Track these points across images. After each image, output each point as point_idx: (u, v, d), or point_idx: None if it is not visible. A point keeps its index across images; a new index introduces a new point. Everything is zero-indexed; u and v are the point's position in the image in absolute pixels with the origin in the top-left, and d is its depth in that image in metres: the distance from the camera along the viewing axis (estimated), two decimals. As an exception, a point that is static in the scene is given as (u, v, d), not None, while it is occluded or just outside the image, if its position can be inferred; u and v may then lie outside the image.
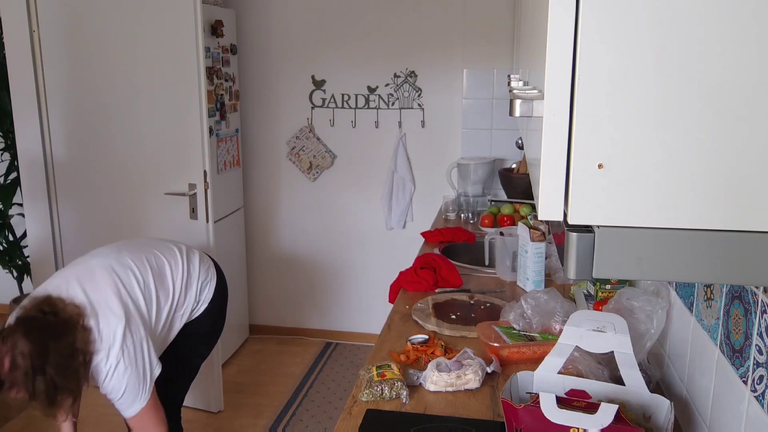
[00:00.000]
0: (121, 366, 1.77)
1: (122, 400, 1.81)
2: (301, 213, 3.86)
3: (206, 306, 2.15)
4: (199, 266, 2.14)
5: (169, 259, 2.06)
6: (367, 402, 1.49)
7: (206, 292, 2.14)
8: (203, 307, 2.14)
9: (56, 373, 1.63)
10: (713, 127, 0.64)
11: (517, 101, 0.74)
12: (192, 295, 2.09)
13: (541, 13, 0.79)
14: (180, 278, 2.05)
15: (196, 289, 2.10)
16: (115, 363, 1.76)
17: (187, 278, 2.07)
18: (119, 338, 1.78)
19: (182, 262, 2.08)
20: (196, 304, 2.11)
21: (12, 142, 3.59)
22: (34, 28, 3.08)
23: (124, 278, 1.90)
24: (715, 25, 0.62)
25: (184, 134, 2.92)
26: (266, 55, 3.70)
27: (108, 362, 1.76)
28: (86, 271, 1.88)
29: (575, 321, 1.32)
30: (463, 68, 3.49)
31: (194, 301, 2.10)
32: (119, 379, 1.77)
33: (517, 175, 3.27)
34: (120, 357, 1.77)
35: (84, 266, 1.91)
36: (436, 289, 2.23)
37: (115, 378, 1.77)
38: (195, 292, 2.10)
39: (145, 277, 1.95)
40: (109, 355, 1.76)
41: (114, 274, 1.88)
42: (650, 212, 0.67)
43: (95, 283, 1.85)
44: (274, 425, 3.06)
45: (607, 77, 0.65)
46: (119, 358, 1.77)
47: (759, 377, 0.98)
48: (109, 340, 1.77)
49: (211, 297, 2.16)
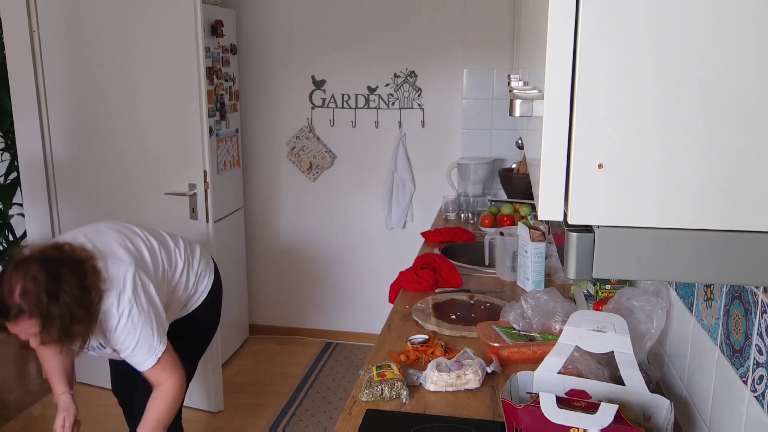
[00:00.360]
0: (135, 311, 1.74)
1: (137, 351, 1.76)
2: (301, 213, 3.86)
3: (203, 299, 2.14)
4: (199, 257, 2.15)
5: (175, 240, 2.09)
6: (367, 402, 1.49)
7: (204, 284, 2.14)
8: (200, 300, 2.13)
9: (71, 302, 1.59)
10: (713, 127, 0.64)
11: (517, 101, 0.74)
12: (192, 280, 2.09)
13: (541, 13, 0.79)
14: (182, 259, 2.06)
15: (195, 277, 2.10)
16: (128, 308, 1.73)
17: (188, 262, 2.08)
18: (129, 282, 1.75)
19: (184, 247, 2.10)
20: (194, 292, 2.10)
21: (12, 142, 3.59)
22: (34, 28, 3.08)
23: (130, 237, 1.92)
24: (715, 25, 0.62)
25: (184, 134, 2.92)
26: (266, 55, 3.70)
27: (120, 306, 1.72)
28: (92, 228, 1.91)
29: (575, 321, 1.32)
30: (463, 68, 3.49)
31: (192, 289, 2.09)
32: (133, 326, 1.73)
33: (517, 175, 3.27)
34: (132, 302, 1.74)
35: (89, 226, 1.94)
36: (436, 289, 2.23)
37: (129, 324, 1.73)
38: (194, 280, 2.10)
39: (152, 242, 1.97)
40: (120, 299, 1.72)
41: (120, 233, 1.90)
42: (650, 212, 0.67)
43: (102, 237, 1.86)
44: (274, 425, 3.06)
45: (607, 77, 0.65)
46: (131, 303, 1.74)
47: (759, 377, 0.98)
48: (119, 283, 1.74)
49: (208, 291, 2.16)
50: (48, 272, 1.59)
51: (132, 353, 1.77)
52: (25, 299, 1.56)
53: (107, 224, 1.96)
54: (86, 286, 1.65)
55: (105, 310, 1.71)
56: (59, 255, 1.66)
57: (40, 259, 1.61)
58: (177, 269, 2.03)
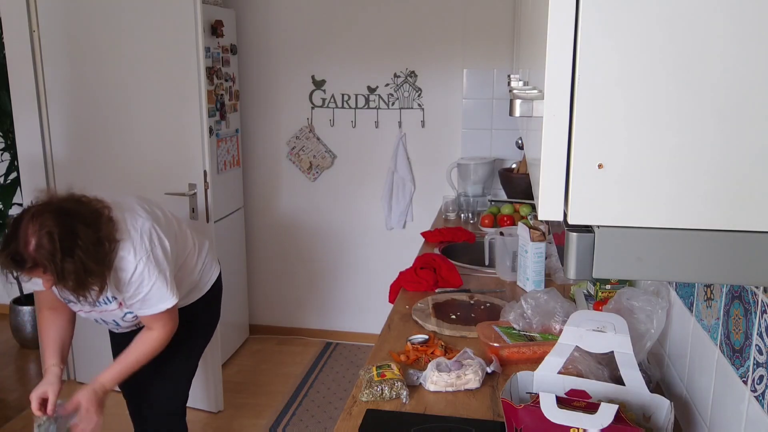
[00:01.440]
0: (152, 261, 1.76)
1: (148, 297, 1.79)
2: (301, 213, 3.86)
3: (206, 291, 2.15)
4: (207, 250, 2.17)
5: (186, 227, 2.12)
6: (367, 402, 1.49)
7: (208, 276, 2.16)
8: (203, 291, 2.14)
9: (86, 257, 1.60)
10: (713, 127, 0.64)
11: (517, 101, 0.74)
12: (198, 267, 2.10)
13: (541, 13, 0.79)
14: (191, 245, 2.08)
15: (201, 264, 2.12)
16: (144, 256, 1.75)
17: (198, 248, 2.10)
18: (147, 233, 1.78)
19: (193, 238, 2.12)
20: (198, 280, 2.11)
21: (12, 142, 3.59)
22: (34, 28, 3.08)
23: (149, 204, 1.95)
24: (715, 25, 0.62)
25: (184, 134, 2.92)
26: (266, 55, 3.70)
27: (137, 255, 1.74)
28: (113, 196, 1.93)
29: (575, 321, 1.32)
30: (463, 68, 3.49)
31: (197, 276, 2.10)
32: (149, 274, 1.76)
33: (517, 175, 3.27)
34: (149, 252, 1.76)
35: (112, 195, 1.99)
36: (436, 289, 2.23)
37: (145, 272, 1.75)
38: (200, 267, 2.11)
39: (167, 214, 2.00)
40: (137, 248, 1.74)
41: (140, 199, 1.94)
42: (650, 212, 0.67)
43: (122, 198, 1.90)
44: (274, 425, 3.06)
45: (607, 77, 0.65)
46: (148, 252, 1.76)
47: (759, 377, 0.98)
48: (137, 233, 1.77)
49: (211, 285, 2.17)
50: (63, 227, 1.59)
51: (143, 299, 1.80)
52: (40, 253, 1.57)
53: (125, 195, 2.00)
54: (101, 238, 1.66)
55: (121, 257, 1.73)
56: (76, 207, 1.67)
57: (57, 212, 1.62)
58: (187, 248, 2.05)
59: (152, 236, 1.80)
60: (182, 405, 2.24)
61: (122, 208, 1.81)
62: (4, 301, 3.95)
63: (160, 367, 2.09)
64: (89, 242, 1.62)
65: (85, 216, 1.66)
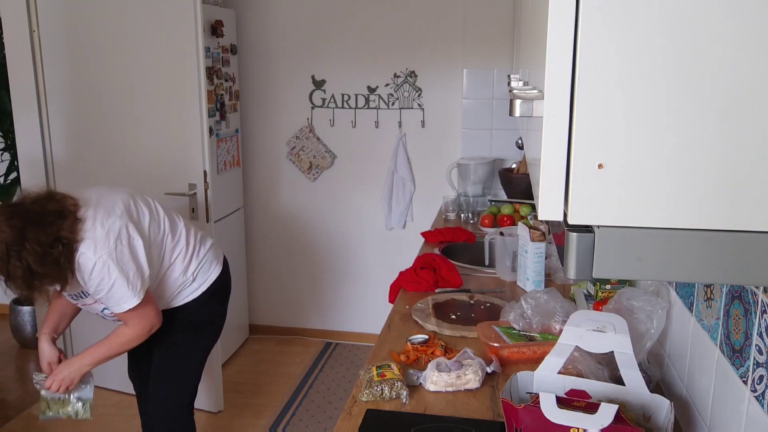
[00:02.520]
0: (111, 261, 1.79)
1: (109, 296, 1.83)
2: (301, 213, 3.86)
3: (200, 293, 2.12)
4: (208, 249, 2.16)
5: (186, 225, 2.12)
6: (367, 402, 1.49)
7: (204, 277, 2.12)
8: (198, 292, 2.11)
9: (34, 260, 1.68)
10: (713, 127, 0.64)
11: (517, 101, 0.74)
12: (192, 267, 2.08)
13: (541, 13, 0.79)
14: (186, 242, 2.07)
15: (197, 264, 2.10)
16: (105, 255, 1.78)
17: (195, 248, 2.10)
18: (114, 232, 1.81)
19: (194, 235, 2.12)
20: (192, 281, 2.09)
21: (12, 142, 3.59)
22: (34, 28, 3.08)
23: (137, 200, 1.98)
24: (715, 25, 0.62)
25: (184, 134, 2.92)
26: (266, 55, 3.70)
27: (97, 252, 1.77)
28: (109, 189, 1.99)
29: (575, 321, 1.32)
30: (463, 68, 3.49)
31: (191, 276, 2.08)
32: (108, 273, 1.79)
33: (517, 175, 3.27)
34: (112, 251, 1.79)
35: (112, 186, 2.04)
36: (436, 289, 2.23)
37: (104, 271, 1.78)
38: (195, 267, 2.10)
39: (158, 212, 2.02)
40: (98, 246, 1.78)
41: (130, 195, 1.98)
42: (650, 212, 0.67)
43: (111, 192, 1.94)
44: (274, 425, 3.06)
45: (607, 77, 0.65)
46: (110, 251, 1.79)
47: (759, 377, 0.98)
48: (103, 230, 1.80)
49: (208, 286, 2.13)
50: (13, 230, 1.68)
51: (106, 297, 1.85)
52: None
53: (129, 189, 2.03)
54: (58, 238, 1.72)
55: (81, 252, 1.77)
56: (32, 211, 1.73)
57: (11, 215, 1.70)
58: (178, 246, 2.05)
59: (120, 235, 1.82)
60: (185, 404, 2.22)
61: (98, 206, 1.84)
62: (3, 301, 3.95)
63: (159, 367, 2.09)
64: (38, 245, 1.69)
65: (45, 217, 1.73)
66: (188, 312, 2.12)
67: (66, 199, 1.81)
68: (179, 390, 2.20)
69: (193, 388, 2.24)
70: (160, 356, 2.11)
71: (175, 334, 2.10)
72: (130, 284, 1.83)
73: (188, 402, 2.23)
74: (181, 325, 2.10)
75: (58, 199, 1.80)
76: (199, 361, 2.24)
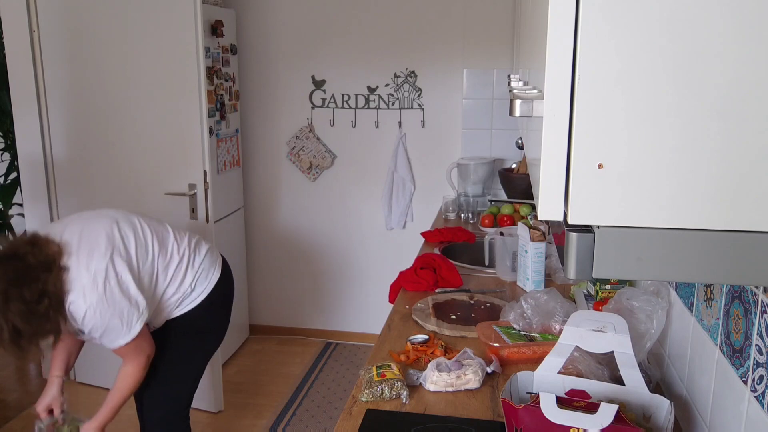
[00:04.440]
0: (103, 304, 1.77)
1: (104, 337, 1.83)
2: (301, 213, 3.86)
3: (202, 300, 2.11)
4: (204, 256, 2.13)
5: (177, 237, 2.08)
6: (367, 402, 1.49)
7: (204, 285, 2.11)
8: (198, 300, 2.10)
9: (20, 320, 1.64)
10: (713, 127, 0.64)
11: (517, 101, 0.74)
12: (188, 279, 2.06)
13: (541, 13, 0.79)
14: (180, 256, 2.05)
15: (194, 276, 2.08)
16: (95, 300, 1.76)
17: (189, 261, 2.07)
18: (101, 274, 1.78)
19: (187, 245, 2.09)
20: (190, 291, 2.08)
21: (12, 142, 3.59)
22: (34, 28, 3.08)
23: (122, 225, 1.93)
24: (715, 25, 0.62)
25: (184, 134, 2.92)
26: (266, 55, 3.70)
27: (86, 300, 1.75)
28: (92, 215, 1.95)
29: (575, 321, 1.32)
30: (463, 68, 3.49)
31: (189, 287, 2.07)
32: (101, 317, 1.77)
33: (517, 175, 3.27)
34: (101, 294, 1.77)
35: (97, 211, 2.00)
36: (436, 289, 2.23)
37: (97, 316, 1.77)
38: (192, 278, 2.07)
39: (145, 232, 1.98)
40: (87, 293, 1.75)
41: (112, 220, 1.93)
42: (650, 212, 0.67)
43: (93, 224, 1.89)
44: (274, 425, 3.06)
45: (607, 77, 0.65)
46: (100, 295, 1.76)
47: (759, 377, 0.98)
48: (89, 274, 1.77)
49: (209, 292, 2.12)
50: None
51: (101, 336, 1.84)
52: None
53: (110, 211, 1.99)
54: (42, 294, 1.68)
55: (71, 301, 1.75)
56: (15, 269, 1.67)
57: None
58: (171, 264, 2.02)
59: (108, 275, 1.79)
60: (180, 409, 2.21)
61: (80, 248, 1.80)
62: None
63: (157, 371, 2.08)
64: (23, 303, 1.64)
65: (28, 273, 1.68)
66: (190, 318, 2.11)
67: (49, 245, 1.76)
68: (175, 395, 2.18)
69: (189, 394, 2.22)
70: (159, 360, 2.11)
71: (175, 339, 2.09)
72: (124, 322, 1.82)
73: (183, 407, 2.21)
74: (182, 330, 2.10)
75: (41, 246, 1.74)
76: (198, 368, 2.22)
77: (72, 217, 1.96)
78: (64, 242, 1.79)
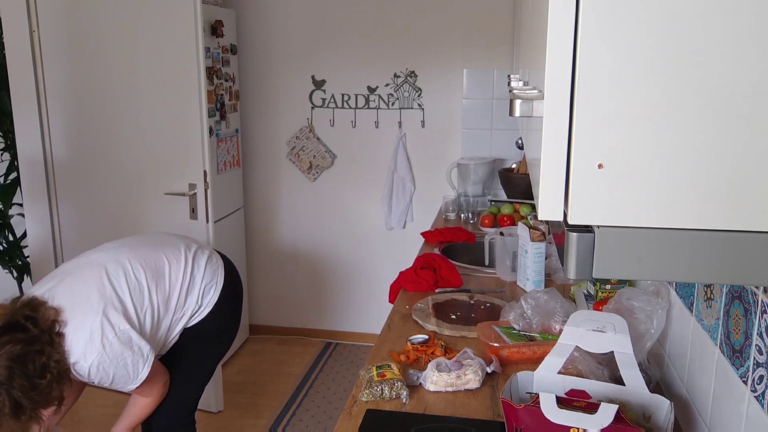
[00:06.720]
0: (105, 359, 1.76)
1: (113, 385, 1.84)
2: (301, 213, 3.86)
3: (210, 309, 2.09)
4: (204, 268, 2.09)
5: (171, 260, 2.03)
6: (367, 402, 1.49)
7: (210, 296, 2.09)
8: (207, 311, 2.09)
9: (22, 395, 1.62)
10: (713, 127, 0.64)
11: (517, 101, 0.74)
12: (193, 298, 2.04)
13: (541, 13, 0.79)
14: (180, 281, 2.01)
15: (198, 293, 2.06)
16: (96, 359, 1.75)
17: (189, 282, 2.04)
18: (98, 330, 1.77)
19: (185, 264, 2.04)
20: (198, 308, 2.07)
21: (12, 142, 3.59)
22: (34, 28, 3.08)
23: (111, 270, 1.89)
24: (715, 25, 0.62)
25: (184, 134, 2.92)
26: (266, 55, 3.70)
27: (87, 359, 1.75)
28: (81, 266, 1.92)
29: (575, 321, 1.32)
30: (463, 68, 3.49)
31: (195, 305, 2.05)
32: (105, 372, 1.78)
33: (517, 175, 3.27)
34: (101, 350, 1.76)
35: (84, 259, 1.96)
36: (436, 289, 2.23)
37: (101, 371, 1.77)
38: (197, 296, 2.05)
39: (138, 276, 1.93)
40: (87, 353, 1.75)
41: (104, 271, 1.88)
42: (650, 212, 0.67)
43: (83, 280, 1.86)
44: (274, 425, 3.06)
45: (607, 77, 0.65)
46: (100, 352, 1.76)
47: (759, 377, 0.98)
48: (86, 333, 1.76)
49: (216, 300, 2.10)
50: None
51: (110, 386, 1.86)
52: None
53: (98, 257, 1.94)
54: (44, 368, 1.66)
55: (74, 363, 1.75)
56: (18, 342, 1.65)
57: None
58: (173, 296, 2.00)
59: (104, 331, 1.77)
60: (188, 413, 2.20)
61: (73, 309, 1.78)
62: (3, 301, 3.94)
63: None
64: (26, 379, 1.62)
65: (33, 345, 1.66)
66: (201, 326, 2.10)
67: (46, 310, 1.74)
68: (182, 398, 2.16)
69: (196, 397, 2.21)
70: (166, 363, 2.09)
71: (187, 347, 2.09)
72: (130, 370, 1.82)
73: (190, 411, 2.21)
74: (191, 335, 2.09)
75: (40, 311, 1.72)
76: (209, 372, 2.22)
77: (59, 271, 1.92)
78: (58, 307, 1.77)
